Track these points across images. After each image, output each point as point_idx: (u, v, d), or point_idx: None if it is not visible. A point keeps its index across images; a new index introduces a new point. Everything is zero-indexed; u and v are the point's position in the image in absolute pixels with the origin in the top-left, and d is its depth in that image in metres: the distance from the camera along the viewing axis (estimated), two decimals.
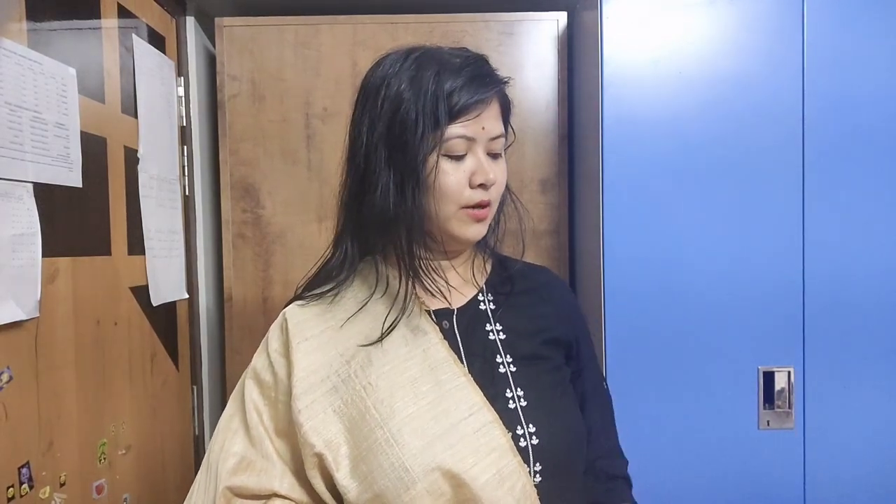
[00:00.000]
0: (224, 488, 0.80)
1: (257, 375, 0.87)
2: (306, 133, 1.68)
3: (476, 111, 0.82)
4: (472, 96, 0.81)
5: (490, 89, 0.83)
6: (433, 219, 0.84)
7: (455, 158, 0.82)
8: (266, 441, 0.83)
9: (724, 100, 1.41)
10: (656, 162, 1.41)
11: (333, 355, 0.83)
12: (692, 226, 1.41)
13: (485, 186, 0.83)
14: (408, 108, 0.80)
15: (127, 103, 1.36)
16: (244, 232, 1.69)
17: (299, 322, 0.87)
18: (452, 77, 0.81)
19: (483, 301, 0.90)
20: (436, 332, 0.84)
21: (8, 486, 0.97)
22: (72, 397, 1.14)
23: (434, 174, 0.81)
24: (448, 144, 0.81)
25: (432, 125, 0.80)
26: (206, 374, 1.72)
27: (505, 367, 0.84)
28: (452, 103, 0.80)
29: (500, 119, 0.86)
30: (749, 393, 1.42)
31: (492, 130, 0.83)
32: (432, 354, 0.83)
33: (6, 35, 0.98)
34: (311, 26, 1.67)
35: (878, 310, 1.41)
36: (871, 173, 1.41)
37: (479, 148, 0.83)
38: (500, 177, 0.85)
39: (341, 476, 0.78)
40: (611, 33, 1.41)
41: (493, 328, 0.87)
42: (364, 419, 0.79)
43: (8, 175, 0.97)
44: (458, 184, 0.82)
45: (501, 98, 0.87)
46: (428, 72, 0.81)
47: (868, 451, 1.42)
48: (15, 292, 0.98)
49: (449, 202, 0.82)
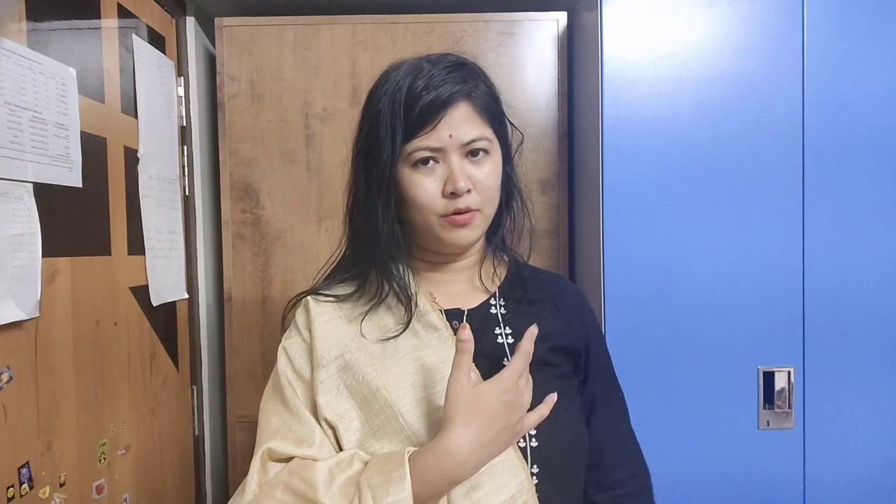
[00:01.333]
0: (266, 448, 0.82)
1: (287, 352, 0.90)
2: (306, 133, 1.68)
3: (434, 121, 0.82)
4: (428, 103, 0.81)
5: (448, 94, 0.82)
6: (421, 229, 0.87)
7: (426, 170, 0.83)
8: (302, 410, 0.84)
9: (724, 100, 1.41)
10: (656, 162, 1.41)
11: (349, 338, 0.86)
12: (692, 226, 1.41)
13: (456, 195, 0.83)
14: (375, 128, 0.84)
15: (127, 103, 1.36)
16: (244, 232, 1.69)
17: (319, 306, 0.91)
18: (410, 91, 0.82)
19: (495, 305, 0.91)
20: (446, 328, 0.87)
21: (8, 486, 0.97)
22: (71, 397, 1.14)
23: (408, 187, 0.84)
24: (413, 157, 0.83)
25: (396, 142, 0.82)
26: (205, 374, 1.72)
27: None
28: (410, 118, 0.82)
29: (477, 120, 0.84)
30: (749, 393, 1.43)
31: (462, 136, 0.83)
32: (441, 350, 0.85)
33: (6, 35, 0.98)
34: (310, 26, 1.67)
35: (878, 310, 1.41)
36: (871, 173, 1.41)
37: (453, 155, 0.83)
38: (484, 179, 0.84)
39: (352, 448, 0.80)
40: (611, 33, 1.41)
41: (503, 332, 0.89)
42: (375, 398, 0.82)
43: (8, 175, 0.97)
44: (430, 195, 0.83)
45: (475, 99, 0.85)
46: (395, 88, 0.83)
47: (868, 451, 1.42)
48: (15, 292, 0.98)
49: (426, 213, 0.84)
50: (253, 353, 1.69)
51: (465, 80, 0.84)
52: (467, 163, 0.84)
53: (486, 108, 0.86)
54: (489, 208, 0.87)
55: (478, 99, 0.85)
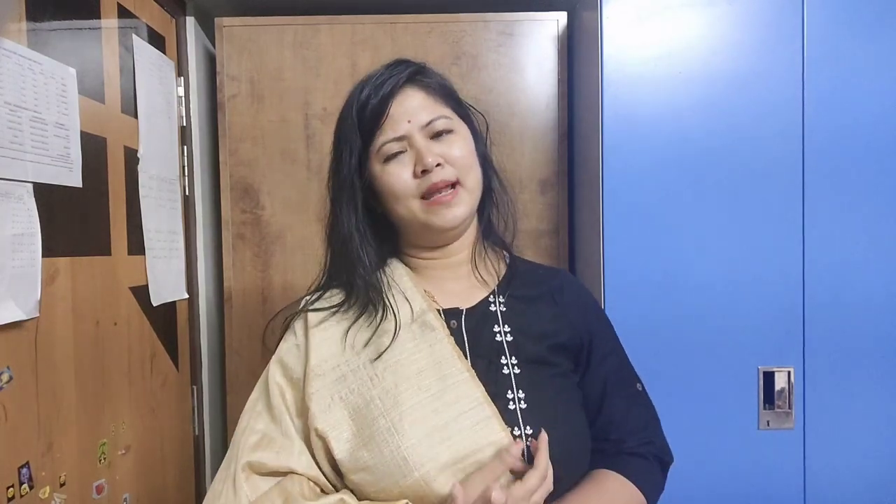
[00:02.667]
0: (244, 463, 0.83)
1: (281, 359, 0.90)
2: (306, 133, 1.67)
3: (386, 111, 0.86)
4: (377, 101, 0.85)
5: (395, 83, 0.86)
6: (407, 222, 0.88)
7: (397, 161, 0.86)
8: (287, 419, 0.85)
9: (724, 99, 1.41)
10: (656, 161, 1.41)
11: (345, 346, 0.87)
12: (692, 225, 1.41)
13: (427, 171, 0.85)
14: (338, 142, 0.90)
15: (127, 103, 1.36)
16: (244, 232, 1.69)
17: (315, 316, 0.91)
18: (361, 99, 0.87)
19: (494, 302, 0.91)
20: (443, 329, 0.86)
21: (8, 486, 0.97)
22: (71, 397, 1.14)
23: (383, 180, 0.87)
24: (382, 153, 0.87)
25: (355, 148, 0.87)
26: (205, 374, 1.72)
27: (509, 369, 0.85)
28: (364, 118, 0.86)
29: (431, 102, 0.88)
30: (749, 393, 1.43)
31: (420, 119, 0.86)
32: (438, 350, 0.85)
33: (6, 35, 0.98)
34: (310, 26, 1.67)
35: (878, 310, 1.42)
36: (870, 172, 1.41)
37: (417, 138, 0.86)
38: (455, 151, 0.86)
39: (343, 459, 0.81)
40: (611, 33, 1.41)
41: (501, 329, 0.88)
42: (368, 408, 0.81)
43: (8, 175, 0.97)
44: (403, 180, 0.86)
45: (425, 84, 0.88)
46: (350, 103, 0.89)
47: (868, 450, 1.42)
48: (15, 292, 0.98)
49: (406, 198, 0.86)
50: (253, 353, 1.68)
51: (406, 69, 0.88)
52: (434, 143, 0.87)
53: (438, 91, 0.89)
54: (469, 180, 0.88)
55: (428, 84, 0.89)
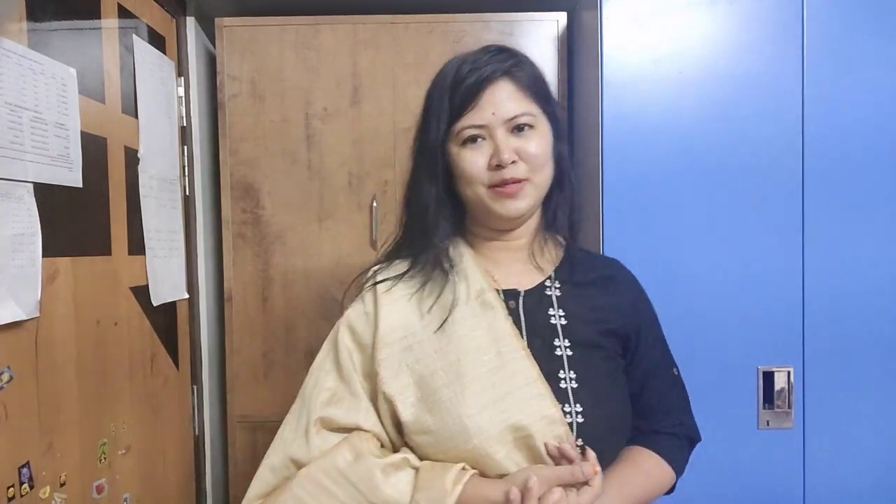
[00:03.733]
0: (316, 418, 0.89)
1: (350, 324, 0.95)
2: (306, 133, 1.68)
3: (477, 98, 0.89)
4: (472, 83, 0.89)
5: (491, 71, 0.89)
6: (473, 204, 0.93)
7: (473, 143, 0.90)
8: (355, 380, 0.91)
9: (724, 100, 1.41)
10: (656, 162, 1.41)
11: (412, 318, 0.92)
12: (692, 225, 1.41)
13: (501, 166, 0.88)
14: (427, 113, 0.94)
15: (127, 103, 1.36)
16: (244, 232, 1.69)
17: (386, 283, 0.95)
18: (456, 75, 0.90)
19: (550, 287, 0.95)
20: (502, 308, 0.91)
21: (8, 486, 0.97)
22: (72, 397, 1.14)
23: (457, 162, 0.91)
24: (461, 135, 0.90)
25: (443, 122, 0.91)
26: (206, 374, 1.72)
27: (562, 350, 0.90)
28: (455, 97, 0.90)
29: (520, 96, 0.91)
30: (749, 393, 1.43)
31: (505, 112, 0.89)
32: (497, 328, 0.90)
33: (6, 35, 0.98)
34: (311, 26, 1.67)
35: (877, 309, 1.42)
36: (870, 172, 1.41)
37: (498, 131, 0.89)
38: (530, 149, 0.90)
39: (408, 421, 0.87)
40: (611, 33, 1.41)
41: (556, 313, 0.93)
42: (433, 378, 0.87)
43: (8, 175, 0.97)
44: (477, 168, 0.90)
45: (517, 77, 0.91)
46: (444, 76, 0.92)
47: (867, 450, 1.42)
48: (15, 292, 0.98)
49: (475, 184, 0.91)
50: (253, 353, 1.69)
51: (505, 60, 0.91)
52: (513, 137, 0.90)
53: (529, 86, 0.92)
54: (538, 177, 0.91)
55: (521, 77, 0.91)
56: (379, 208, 1.67)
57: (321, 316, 1.68)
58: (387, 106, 1.67)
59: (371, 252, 1.67)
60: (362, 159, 1.67)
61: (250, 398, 1.69)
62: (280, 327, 1.68)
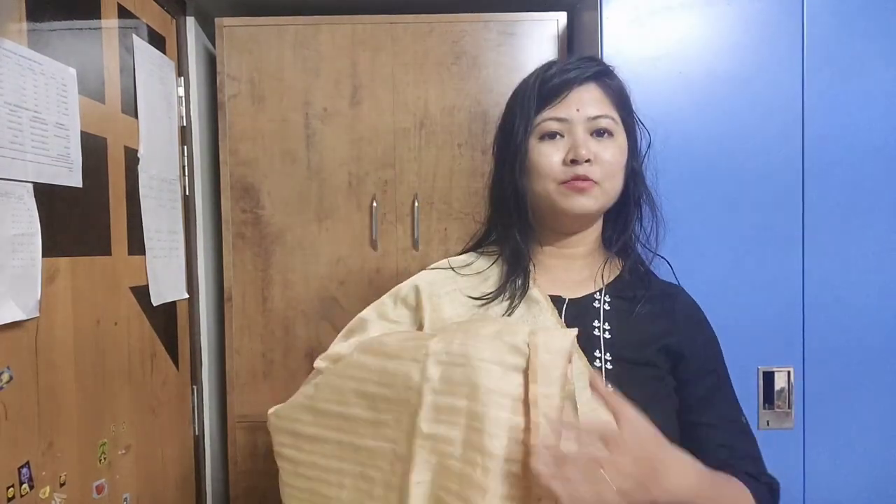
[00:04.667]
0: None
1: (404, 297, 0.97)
2: (306, 133, 1.68)
3: (564, 94, 0.90)
4: (560, 81, 0.90)
5: (582, 73, 0.90)
6: (539, 197, 0.92)
7: (551, 140, 0.90)
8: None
9: (724, 99, 1.41)
10: (655, 161, 1.41)
11: (464, 311, 0.92)
12: (692, 225, 1.41)
13: (576, 162, 0.88)
14: (513, 108, 0.94)
15: (127, 103, 1.36)
16: (244, 232, 1.69)
17: (432, 281, 0.96)
18: (545, 72, 0.92)
19: (599, 300, 0.93)
20: (547, 302, 0.91)
21: (8, 486, 0.97)
22: (72, 397, 1.14)
23: (532, 156, 0.91)
24: (541, 127, 0.91)
25: (527, 113, 0.91)
26: (206, 374, 1.72)
27: (601, 363, 0.87)
28: (543, 91, 0.91)
29: (605, 101, 0.91)
30: (749, 393, 1.43)
31: (588, 111, 0.90)
32: (542, 321, 0.90)
33: (6, 35, 0.98)
34: (310, 26, 1.67)
35: (877, 309, 1.42)
36: (870, 172, 1.41)
37: (578, 128, 0.90)
38: (606, 155, 0.90)
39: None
40: (611, 33, 1.41)
41: (601, 325, 0.91)
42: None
43: (8, 175, 0.97)
44: (552, 162, 0.90)
45: (605, 83, 0.92)
46: (533, 76, 0.93)
47: (867, 450, 1.42)
48: (15, 292, 0.98)
49: (546, 179, 0.90)
50: (253, 353, 1.69)
51: (595, 66, 0.93)
52: (592, 140, 0.90)
53: (614, 94, 0.93)
54: (609, 183, 0.91)
55: (608, 84, 0.93)
56: (378, 208, 1.67)
57: (321, 316, 1.68)
58: (386, 106, 1.67)
59: (371, 252, 1.67)
60: (362, 159, 1.67)
61: (250, 398, 1.69)
62: (279, 327, 1.68)
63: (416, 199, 1.67)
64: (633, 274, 0.97)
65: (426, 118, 1.67)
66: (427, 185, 1.68)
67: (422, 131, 1.67)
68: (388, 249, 1.68)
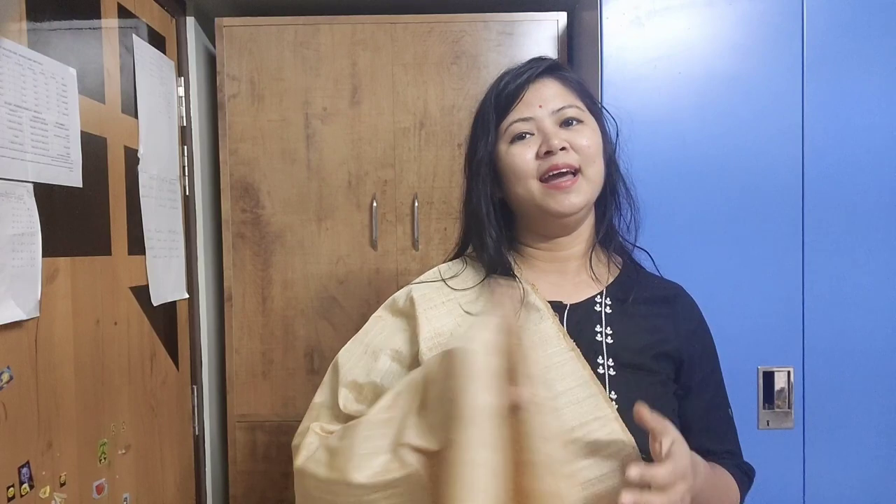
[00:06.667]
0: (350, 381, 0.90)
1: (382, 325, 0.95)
2: (306, 133, 1.68)
3: (522, 94, 0.89)
4: (515, 85, 0.89)
5: (534, 72, 0.90)
6: (525, 201, 0.90)
7: (521, 140, 0.89)
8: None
9: (724, 100, 1.41)
10: (655, 161, 1.41)
11: (455, 322, 0.90)
12: (692, 225, 1.41)
13: (551, 153, 0.86)
14: (476, 124, 0.94)
15: (127, 103, 1.36)
16: (244, 232, 1.69)
17: (424, 294, 0.94)
18: (500, 82, 0.92)
19: (600, 303, 0.92)
20: (547, 309, 0.89)
21: (8, 486, 0.97)
22: (71, 397, 1.14)
23: (506, 159, 0.90)
24: (508, 131, 0.90)
25: (490, 125, 0.91)
26: (205, 373, 1.72)
27: (604, 370, 0.86)
28: (501, 99, 0.90)
29: (566, 93, 0.91)
30: (749, 393, 1.42)
31: (552, 105, 0.89)
32: (543, 329, 0.87)
33: (6, 35, 0.98)
34: (310, 26, 1.67)
35: (877, 309, 1.41)
36: (870, 173, 1.41)
37: (546, 122, 0.88)
38: (579, 139, 0.88)
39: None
40: (610, 33, 1.41)
41: (603, 330, 0.89)
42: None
43: (8, 175, 0.97)
44: (526, 160, 0.88)
45: (562, 76, 0.92)
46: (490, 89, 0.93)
47: (867, 450, 1.42)
48: (15, 292, 0.98)
49: (526, 178, 0.88)
50: (253, 353, 1.69)
51: (547, 62, 0.92)
52: (562, 130, 0.89)
53: (574, 85, 0.92)
54: (591, 171, 0.89)
55: (565, 77, 0.92)
56: (378, 208, 1.67)
57: (320, 316, 1.68)
58: (386, 106, 1.67)
59: (371, 252, 1.67)
60: (361, 159, 1.67)
61: (250, 398, 1.69)
62: (279, 327, 1.68)
63: (415, 199, 1.67)
64: (632, 273, 0.96)
65: (426, 118, 1.67)
66: (427, 184, 1.68)
67: (421, 131, 1.67)
68: (388, 249, 1.68)
